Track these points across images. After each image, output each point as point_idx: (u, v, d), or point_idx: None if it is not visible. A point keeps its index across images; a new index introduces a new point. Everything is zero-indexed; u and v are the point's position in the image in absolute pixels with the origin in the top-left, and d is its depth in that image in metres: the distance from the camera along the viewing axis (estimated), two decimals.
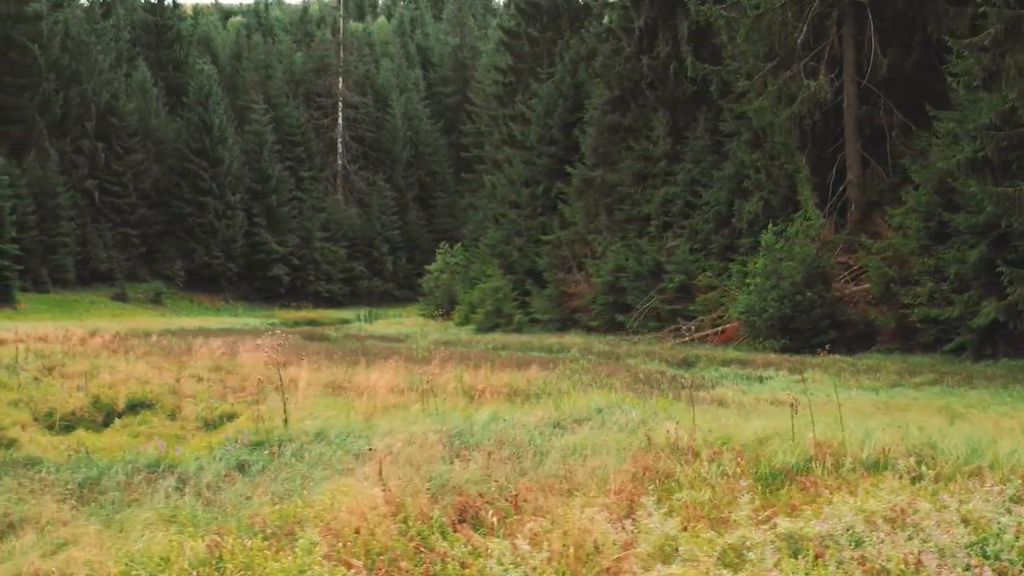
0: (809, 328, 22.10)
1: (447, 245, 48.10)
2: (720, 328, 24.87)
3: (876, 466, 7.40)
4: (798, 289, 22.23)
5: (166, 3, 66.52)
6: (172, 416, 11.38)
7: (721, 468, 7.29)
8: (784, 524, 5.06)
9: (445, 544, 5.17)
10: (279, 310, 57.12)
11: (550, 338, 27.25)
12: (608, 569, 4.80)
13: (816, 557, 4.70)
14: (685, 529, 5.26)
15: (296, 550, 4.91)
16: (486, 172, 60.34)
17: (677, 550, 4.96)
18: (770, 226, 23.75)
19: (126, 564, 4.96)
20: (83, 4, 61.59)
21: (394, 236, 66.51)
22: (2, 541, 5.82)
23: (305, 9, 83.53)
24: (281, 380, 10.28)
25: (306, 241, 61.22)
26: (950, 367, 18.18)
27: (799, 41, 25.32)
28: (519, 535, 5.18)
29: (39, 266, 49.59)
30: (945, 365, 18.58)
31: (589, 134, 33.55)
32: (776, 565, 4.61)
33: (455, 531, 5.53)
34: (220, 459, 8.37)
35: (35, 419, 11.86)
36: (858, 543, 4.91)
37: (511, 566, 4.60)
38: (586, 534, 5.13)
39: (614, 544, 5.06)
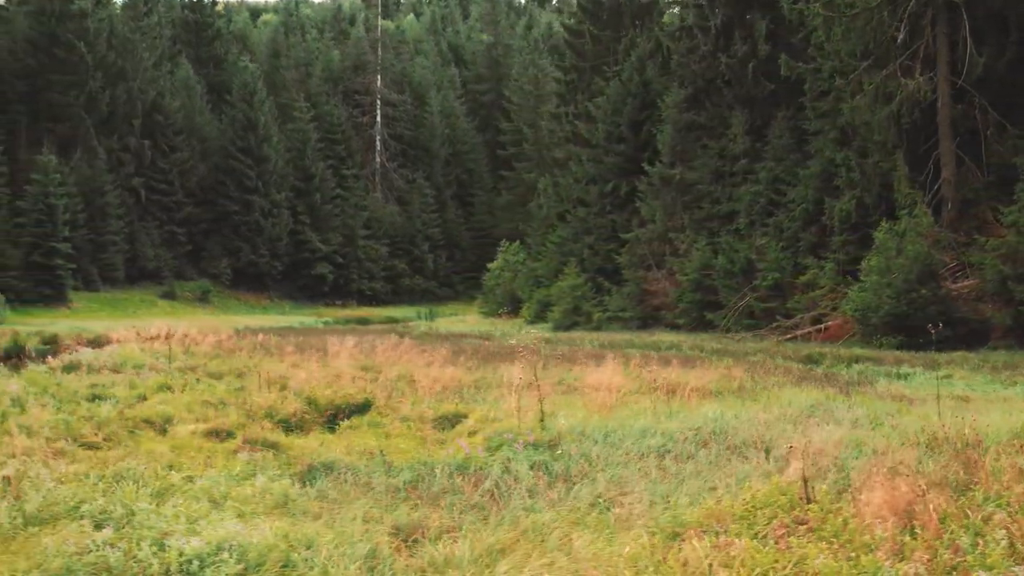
0: (924, 325, 22.19)
1: (508, 243, 48.01)
2: (823, 325, 25.01)
3: None
4: (911, 287, 22.38)
5: (205, 0, 66.49)
6: (401, 417, 11.43)
7: None
8: None
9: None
10: (324, 308, 57.18)
11: (643, 336, 27.32)
12: None
13: None
14: None
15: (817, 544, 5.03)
16: (525, 171, 60.52)
17: None
18: (883, 223, 23.87)
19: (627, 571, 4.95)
20: (122, 1, 61.46)
21: (434, 234, 66.48)
22: (418, 548, 5.76)
23: (339, 7, 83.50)
24: (536, 378, 10.39)
25: (349, 239, 61.19)
26: None
27: (899, 40, 25.44)
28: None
29: (89, 265, 49.61)
30: None
31: (666, 132, 33.61)
32: None
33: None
34: (514, 460, 8.46)
35: (252, 421, 11.90)
36: None
37: None
38: None
39: None
